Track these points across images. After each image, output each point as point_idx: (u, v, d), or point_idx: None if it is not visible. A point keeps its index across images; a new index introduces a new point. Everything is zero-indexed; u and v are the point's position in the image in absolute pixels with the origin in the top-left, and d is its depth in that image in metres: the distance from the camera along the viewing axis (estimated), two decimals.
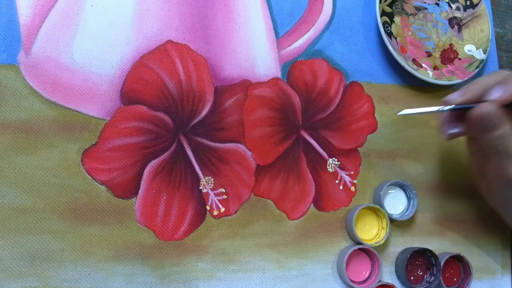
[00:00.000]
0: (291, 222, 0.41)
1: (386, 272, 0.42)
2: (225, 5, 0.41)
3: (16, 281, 0.34)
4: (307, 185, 0.41)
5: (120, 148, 0.37)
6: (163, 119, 0.38)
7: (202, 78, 0.40)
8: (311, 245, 0.41)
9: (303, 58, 0.43)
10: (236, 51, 0.41)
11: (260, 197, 0.40)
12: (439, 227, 0.45)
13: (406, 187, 0.43)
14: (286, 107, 0.42)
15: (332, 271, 0.41)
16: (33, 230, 0.35)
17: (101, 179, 0.36)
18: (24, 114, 0.36)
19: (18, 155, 0.35)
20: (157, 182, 0.38)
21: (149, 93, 0.38)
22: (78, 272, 0.35)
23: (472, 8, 0.48)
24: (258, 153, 0.40)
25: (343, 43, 0.44)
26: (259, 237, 0.40)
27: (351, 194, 0.43)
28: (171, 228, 0.38)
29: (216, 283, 0.38)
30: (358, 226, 0.41)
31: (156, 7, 0.39)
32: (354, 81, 0.44)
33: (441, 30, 0.48)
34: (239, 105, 0.40)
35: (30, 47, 0.36)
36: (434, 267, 0.41)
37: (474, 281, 0.43)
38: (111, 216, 0.36)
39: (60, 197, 0.36)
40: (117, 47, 0.38)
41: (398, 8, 0.46)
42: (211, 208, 0.39)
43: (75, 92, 0.37)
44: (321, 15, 0.44)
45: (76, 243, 0.36)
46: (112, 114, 0.37)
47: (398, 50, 0.44)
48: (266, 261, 0.40)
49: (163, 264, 0.37)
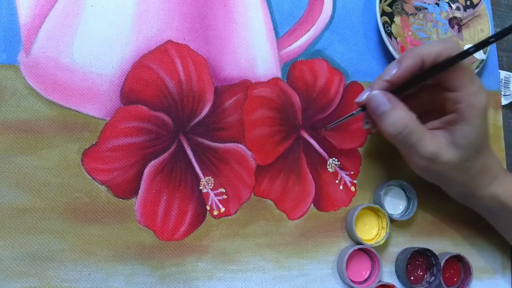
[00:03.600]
0: (291, 222, 0.41)
1: (386, 272, 0.42)
2: (225, 5, 0.41)
3: (16, 281, 0.34)
4: (307, 185, 0.41)
5: (120, 148, 0.37)
6: (163, 119, 0.38)
7: (202, 78, 0.40)
8: (311, 245, 0.41)
9: (303, 58, 0.43)
10: (236, 51, 0.41)
11: (260, 197, 0.40)
12: (439, 227, 0.45)
13: (406, 187, 0.42)
14: (286, 107, 0.42)
15: (332, 271, 0.41)
16: (33, 230, 0.35)
17: (101, 179, 0.36)
18: (24, 114, 0.36)
19: (18, 155, 0.35)
20: (157, 182, 0.38)
21: (149, 93, 0.38)
22: (78, 272, 0.35)
23: (472, 8, 0.48)
24: (258, 153, 0.40)
25: (343, 43, 0.44)
26: (259, 237, 0.40)
27: (351, 194, 0.43)
28: (171, 228, 0.38)
29: (216, 283, 0.38)
30: (358, 226, 0.41)
31: (156, 7, 0.39)
32: (354, 81, 0.44)
33: (441, 30, 0.48)
34: (239, 105, 0.40)
35: (30, 47, 0.36)
36: (434, 267, 0.41)
37: (474, 281, 0.43)
38: (111, 216, 0.36)
39: (60, 197, 0.36)
40: (117, 47, 0.38)
41: (398, 8, 0.46)
42: (211, 208, 0.39)
43: (75, 92, 0.37)
44: (321, 15, 0.44)
45: (76, 243, 0.36)
46: (112, 114, 0.37)
47: (398, 50, 0.44)
48: (266, 261, 0.40)
49: (163, 264, 0.37)
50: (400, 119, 0.33)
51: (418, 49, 0.33)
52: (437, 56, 0.33)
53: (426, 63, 0.33)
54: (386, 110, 0.34)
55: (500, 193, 0.37)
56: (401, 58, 0.34)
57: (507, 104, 0.49)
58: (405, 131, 0.33)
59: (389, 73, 0.34)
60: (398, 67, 0.34)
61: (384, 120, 0.34)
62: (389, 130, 0.34)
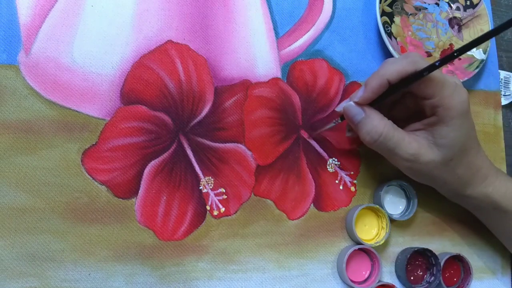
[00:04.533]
0: (291, 222, 0.41)
1: (386, 272, 0.42)
2: (225, 5, 0.41)
3: (16, 281, 0.34)
4: (307, 185, 0.41)
5: (120, 148, 0.37)
6: (163, 119, 0.38)
7: (202, 78, 0.40)
8: (311, 245, 0.41)
9: (303, 58, 0.43)
10: (236, 51, 0.41)
11: (260, 197, 0.40)
12: (439, 227, 0.45)
13: (406, 187, 0.43)
14: (286, 107, 0.42)
15: (332, 271, 0.41)
16: (33, 230, 0.35)
17: (101, 179, 0.36)
18: (24, 114, 0.36)
19: (18, 155, 0.35)
20: (157, 182, 0.38)
21: (149, 93, 0.38)
22: (78, 272, 0.35)
23: (472, 8, 0.48)
24: (258, 153, 0.40)
25: (343, 43, 0.44)
26: (259, 237, 0.40)
27: (351, 194, 0.43)
28: (171, 228, 0.38)
29: (216, 283, 0.38)
30: (358, 226, 0.41)
31: (156, 7, 0.39)
32: (354, 81, 0.44)
33: (441, 30, 0.48)
34: (239, 105, 0.40)
35: (30, 47, 0.36)
36: (434, 267, 0.41)
37: (474, 281, 0.43)
38: (111, 216, 0.36)
39: (60, 197, 0.36)
40: (117, 47, 0.38)
41: (398, 8, 0.46)
42: (211, 208, 0.39)
43: (75, 92, 0.37)
44: (321, 15, 0.44)
45: (76, 243, 0.36)
46: (112, 114, 0.37)
47: (398, 50, 0.44)
48: (266, 261, 0.40)
49: (163, 264, 0.37)
50: (374, 127, 0.35)
51: (383, 70, 0.34)
52: (401, 74, 0.33)
53: (392, 82, 0.34)
54: (360, 120, 0.35)
55: (491, 192, 0.38)
56: (367, 81, 0.35)
57: (507, 104, 0.49)
58: (381, 138, 0.35)
59: (357, 95, 0.35)
60: (364, 90, 0.35)
61: (361, 129, 0.36)
62: (365, 138, 0.36)
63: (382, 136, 0.35)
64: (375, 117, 0.35)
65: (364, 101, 0.35)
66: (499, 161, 0.47)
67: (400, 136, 0.35)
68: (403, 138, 0.35)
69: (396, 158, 0.36)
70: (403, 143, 0.35)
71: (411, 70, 0.33)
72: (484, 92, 0.48)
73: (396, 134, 0.35)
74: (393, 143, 0.35)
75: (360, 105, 0.35)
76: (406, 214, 0.42)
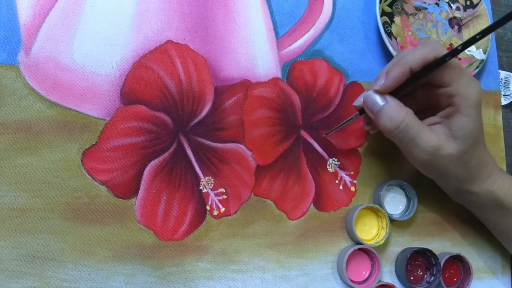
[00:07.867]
0: (291, 222, 0.41)
1: (386, 272, 0.42)
2: (225, 5, 0.41)
3: (16, 281, 0.34)
4: (307, 185, 0.41)
5: (120, 148, 0.37)
6: (163, 119, 0.38)
7: (202, 78, 0.40)
8: (311, 245, 0.41)
9: (303, 58, 0.43)
10: (236, 51, 0.41)
11: (260, 197, 0.40)
12: (439, 227, 0.45)
13: (406, 187, 0.43)
14: (286, 107, 0.42)
15: (332, 271, 0.41)
16: (33, 230, 0.35)
17: (101, 179, 0.36)
18: (24, 114, 0.36)
19: (18, 155, 0.35)
20: (157, 182, 0.38)
21: (149, 93, 0.38)
22: (78, 272, 0.35)
23: (472, 8, 0.48)
24: (258, 153, 0.40)
25: (343, 43, 0.44)
26: (259, 237, 0.40)
27: (351, 194, 0.43)
28: (171, 228, 0.38)
29: (216, 283, 0.38)
30: (358, 226, 0.41)
31: (156, 7, 0.39)
32: (354, 81, 0.44)
33: (441, 30, 0.48)
34: (239, 105, 0.40)
35: (30, 47, 0.36)
36: (434, 267, 0.41)
37: (474, 281, 0.43)
38: (111, 216, 0.36)
39: (60, 197, 0.36)
40: (117, 47, 0.38)
41: (398, 8, 0.46)
42: (211, 208, 0.39)
43: (75, 92, 0.37)
44: (321, 15, 0.44)
45: (76, 243, 0.36)
46: (112, 114, 0.37)
47: (398, 50, 0.44)
48: (266, 261, 0.40)
49: (163, 264, 0.37)
50: (396, 112, 0.34)
51: (405, 58, 0.34)
52: (423, 61, 0.33)
53: (414, 70, 0.34)
54: (382, 107, 0.35)
55: (495, 189, 0.38)
56: (389, 68, 0.35)
57: (507, 104, 0.49)
58: (403, 125, 0.34)
59: (378, 84, 0.35)
60: (386, 78, 0.34)
61: (381, 116, 0.35)
62: (387, 125, 0.35)
63: (404, 123, 0.34)
64: (396, 104, 0.35)
65: (385, 90, 0.35)
66: (499, 161, 0.48)
67: (421, 126, 0.34)
68: (424, 129, 0.34)
69: (415, 150, 0.35)
70: (424, 133, 0.34)
71: (432, 57, 0.33)
72: (484, 92, 0.48)
73: (417, 123, 0.34)
74: (414, 133, 0.34)
75: (380, 93, 0.35)
76: (406, 214, 0.42)
